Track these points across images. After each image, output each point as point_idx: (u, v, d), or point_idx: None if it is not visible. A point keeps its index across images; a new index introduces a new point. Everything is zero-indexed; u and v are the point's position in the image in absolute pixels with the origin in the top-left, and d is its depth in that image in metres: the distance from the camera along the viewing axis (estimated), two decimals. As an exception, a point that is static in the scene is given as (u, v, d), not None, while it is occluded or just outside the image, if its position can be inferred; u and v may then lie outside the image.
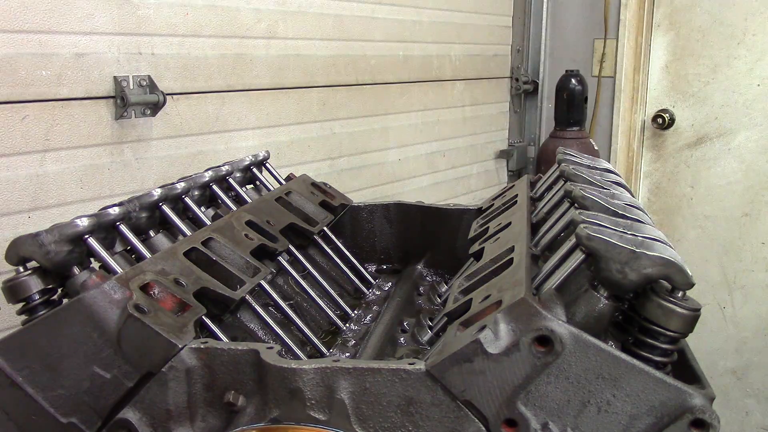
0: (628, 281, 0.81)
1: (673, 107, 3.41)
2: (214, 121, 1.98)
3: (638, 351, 0.83)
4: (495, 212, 1.33)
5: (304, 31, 2.22)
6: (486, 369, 0.78)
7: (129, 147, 1.74)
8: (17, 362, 0.87)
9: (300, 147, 2.28)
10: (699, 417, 0.76)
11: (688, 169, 3.42)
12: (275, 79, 2.15)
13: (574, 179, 1.12)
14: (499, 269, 0.98)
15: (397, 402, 0.80)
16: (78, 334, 0.86)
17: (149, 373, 0.85)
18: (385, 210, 1.59)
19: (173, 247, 1.06)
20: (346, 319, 1.30)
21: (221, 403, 0.85)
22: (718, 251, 3.41)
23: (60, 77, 1.57)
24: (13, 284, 0.96)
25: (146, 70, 1.75)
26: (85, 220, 0.99)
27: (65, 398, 0.87)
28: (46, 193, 1.57)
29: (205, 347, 0.85)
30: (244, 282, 1.07)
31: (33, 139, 1.53)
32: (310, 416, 0.81)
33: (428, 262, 1.54)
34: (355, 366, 0.81)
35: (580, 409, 0.79)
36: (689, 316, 0.81)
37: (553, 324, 0.77)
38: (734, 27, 3.13)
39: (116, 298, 0.86)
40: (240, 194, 1.38)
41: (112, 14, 1.67)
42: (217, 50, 1.96)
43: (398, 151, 2.77)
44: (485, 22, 3.22)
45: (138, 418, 0.86)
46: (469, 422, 0.79)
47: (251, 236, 1.19)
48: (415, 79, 2.80)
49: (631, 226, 0.89)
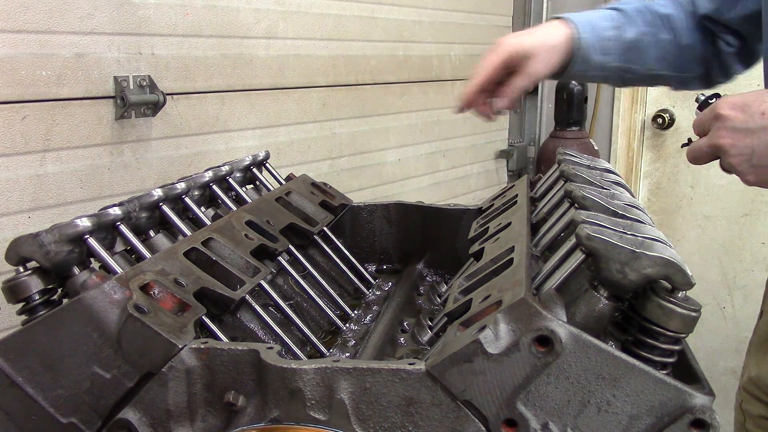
0: (628, 281, 0.82)
1: (673, 107, 3.41)
2: (214, 121, 1.98)
3: (638, 351, 0.83)
4: (495, 212, 1.33)
5: (304, 31, 2.22)
6: (486, 369, 0.78)
7: (129, 147, 1.74)
8: (17, 362, 0.87)
9: (300, 147, 2.28)
10: (699, 417, 0.76)
11: (688, 169, 3.42)
12: (275, 79, 2.15)
13: (574, 179, 1.12)
14: (499, 269, 0.98)
15: (397, 402, 0.80)
16: (78, 334, 0.86)
17: (149, 373, 0.85)
18: (385, 210, 1.59)
19: (173, 247, 1.06)
20: (346, 319, 1.30)
21: (221, 403, 0.85)
22: (718, 251, 3.41)
23: (60, 77, 1.57)
24: (13, 284, 0.96)
25: (146, 70, 1.75)
26: (85, 220, 0.99)
27: (65, 398, 0.87)
28: (46, 193, 1.57)
29: (205, 347, 0.85)
30: (244, 282, 1.07)
31: (33, 139, 1.53)
32: (310, 416, 0.81)
33: (428, 262, 1.54)
34: (355, 366, 0.81)
35: (580, 409, 0.79)
36: (689, 316, 0.81)
37: (553, 324, 0.77)
38: (734, 27, 3.13)
39: (116, 298, 0.86)
40: (240, 194, 1.38)
41: (112, 14, 1.67)
42: (217, 50, 1.96)
43: (398, 151, 2.77)
44: (485, 22, 3.22)
45: (138, 418, 0.86)
46: (469, 422, 0.79)
47: (251, 236, 1.20)
48: (415, 79, 2.80)
49: (631, 226, 0.89)
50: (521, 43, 1.31)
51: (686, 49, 1.44)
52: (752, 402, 1.49)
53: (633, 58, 1.42)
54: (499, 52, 1.31)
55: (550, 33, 1.35)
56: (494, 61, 1.30)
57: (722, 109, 1.02)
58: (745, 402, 1.51)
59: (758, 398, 1.47)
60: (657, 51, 1.43)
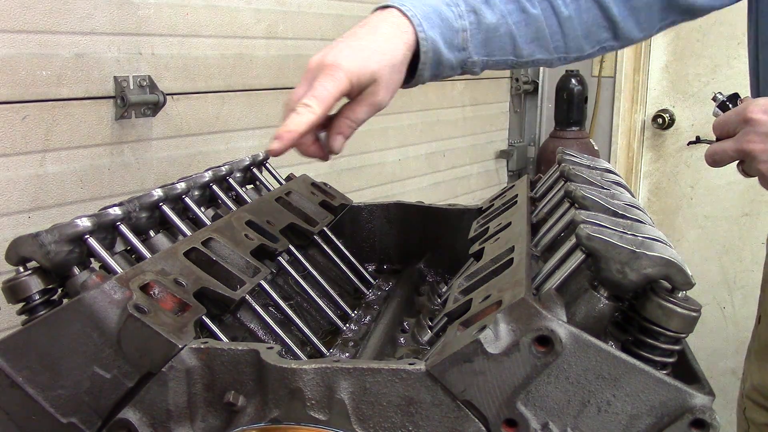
0: (628, 281, 0.82)
1: (673, 107, 3.42)
2: (214, 121, 1.98)
3: (638, 351, 0.83)
4: (495, 212, 1.33)
5: (304, 31, 2.22)
6: (486, 369, 0.78)
7: (129, 147, 1.74)
8: (17, 362, 0.87)
9: (300, 147, 2.28)
10: (699, 417, 0.76)
11: (688, 169, 3.42)
12: (275, 79, 2.15)
13: (574, 179, 1.12)
14: (499, 269, 0.98)
15: (397, 402, 0.80)
16: (78, 334, 0.86)
17: (149, 373, 0.85)
18: (385, 210, 1.59)
19: (173, 247, 1.06)
20: (346, 319, 1.30)
21: (221, 403, 0.85)
22: (718, 251, 3.41)
23: (60, 77, 1.57)
24: (13, 284, 0.96)
25: (146, 70, 1.75)
26: (85, 220, 0.99)
27: (65, 398, 0.87)
28: (46, 193, 1.57)
29: (205, 347, 0.85)
30: (244, 282, 1.07)
31: (33, 139, 1.53)
32: (310, 416, 0.81)
33: (428, 262, 1.54)
34: (355, 366, 0.81)
35: (580, 409, 0.79)
36: (689, 316, 0.81)
37: (553, 324, 0.77)
38: (734, 27, 3.13)
39: (116, 298, 0.86)
40: (240, 194, 1.38)
41: (112, 14, 1.67)
42: (217, 50, 1.96)
43: (398, 151, 2.77)
44: (485, 22, 3.22)
45: (138, 418, 0.86)
46: (469, 422, 0.79)
47: (251, 236, 1.19)
48: (415, 79, 2.79)
49: (631, 226, 0.89)
50: (366, 67, 1.01)
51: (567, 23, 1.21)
52: (756, 410, 1.47)
53: (498, 47, 1.16)
54: (339, 79, 0.99)
55: (391, 42, 1.04)
56: (334, 93, 1.00)
57: (754, 113, 0.97)
58: (748, 410, 1.50)
59: (762, 406, 1.46)
60: (527, 32, 1.18)
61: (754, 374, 1.48)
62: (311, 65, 1.04)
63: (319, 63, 1.02)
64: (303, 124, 0.98)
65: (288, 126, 0.99)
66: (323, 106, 0.99)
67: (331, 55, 1.02)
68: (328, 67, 1.00)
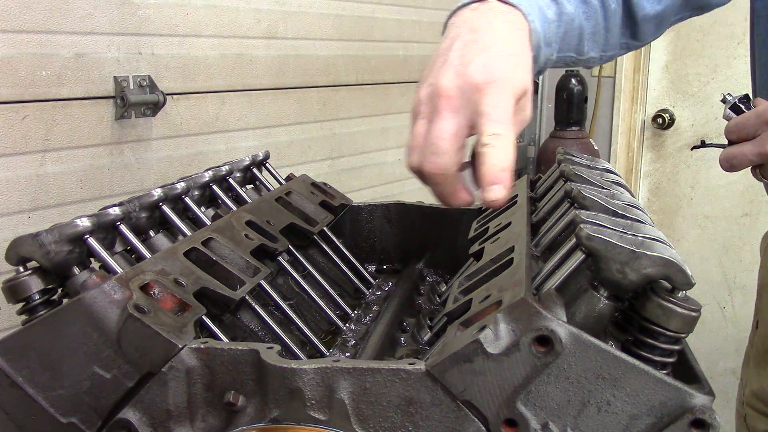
0: (628, 281, 0.82)
1: (673, 107, 3.41)
2: (214, 121, 1.98)
3: (638, 351, 0.83)
4: (495, 212, 1.33)
5: (304, 31, 2.22)
6: (486, 369, 0.78)
7: (129, 147, 1.74)
8: (17, 362, 0.87)
9: (300, 147, 2.28)
10: (699, 417, 0.76)
11: (688, 169, 3.42)
12: (275, 79, 2.15)
13: (574, 179, 1.12)
14: (499, 269, 0.98)
15: (397, 402, 0.80)
16: (78, 334, 0.86)
17: (149, 373, 0.85)
18: (385, 210, 1.59)
19: (173, 247, 1.06)
20: (346, 319, 1.30)
21: (221, 403, 0.85)
22: (718, 251, 3.41)
23: (60, 77, 1.57)
24: (13, 284, 0.96)
25: (146, 70, 1.75)
26: (85, 220, 0.99)
27: (65, 398, 0.87)
28: (46, 193, 1.57)
29: (205, 347, 0.85)
30: (244, 282, 1.07)
31: (33, 139, 1.53)
32: (310, 416, 0.81)
33: (428, 262, 1.54)
34: (355, 366, 0.81)
35: (580, 409, 0.79)
36: (689, 316, 0.81)
37: (553, 324, 0.77)
38: (734, 27, 3.13)
39: (116, 298, 0.86)
40: (240, 194, 1.38)
41: (112, 14, 1.67)
42: (217, 50, 1.96)
43: (398, 151, 2.77)
44: (485, 22, 3.22)
45: (138, 418, 0.86)
46: (469, 422, 0.79)
47: (251, 236, 1.19)
48: (415, 79, 2.79)
49: (631, 226, 0.89)
50: (523, 78, 0.80)
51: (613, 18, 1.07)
52: (757, 417, 1.46)
53: (568, 41, 1.01)
54: (508, 94, 0.76)
55: (522, 43, 0.84)
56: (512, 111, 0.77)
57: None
58: (749, 417, 1.49)
59: (763, 413, 1.45)
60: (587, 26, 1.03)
61: (753, 381, 1.47)
62: (444, 92, 0.77)
63: (464, 84, 0.76)
64: (510, 155, 0.76)
65: (496, 165, 0.75)
66: (514, 128, 0.77)
67: (478, 69, 0.76)
68: (486, 84, 0.75)
